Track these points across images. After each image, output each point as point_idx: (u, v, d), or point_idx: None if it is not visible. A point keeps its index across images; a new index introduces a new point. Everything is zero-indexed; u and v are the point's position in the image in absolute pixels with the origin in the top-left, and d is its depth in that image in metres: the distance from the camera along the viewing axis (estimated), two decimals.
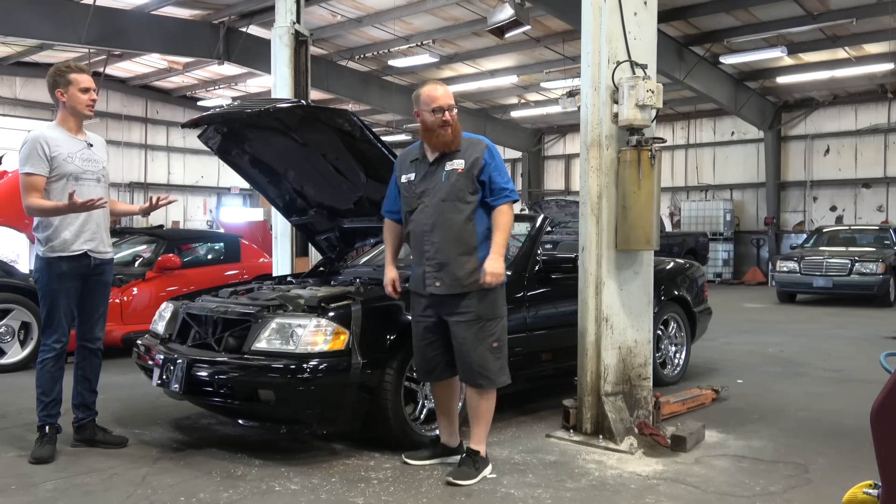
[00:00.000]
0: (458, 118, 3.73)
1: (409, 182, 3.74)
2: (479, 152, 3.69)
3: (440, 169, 3.68)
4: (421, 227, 3.67)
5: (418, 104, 3.69)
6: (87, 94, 3.97)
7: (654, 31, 4.44)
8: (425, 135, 3.70)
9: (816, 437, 4.44)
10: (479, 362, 3.60)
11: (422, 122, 3.69)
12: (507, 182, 3.69)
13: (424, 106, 3.66)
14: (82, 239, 3.94)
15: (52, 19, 13.12)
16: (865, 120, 18.08)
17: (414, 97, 3.74)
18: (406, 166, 3.81)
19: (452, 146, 3.67)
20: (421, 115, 3.69)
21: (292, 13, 7.86)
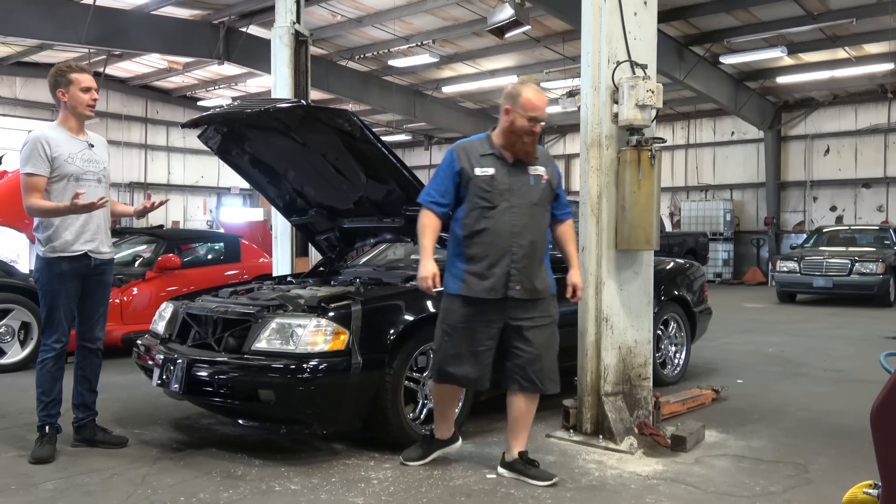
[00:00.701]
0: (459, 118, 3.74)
1: (491, 177, 3.52)
2: (554, 165, 3.71)
3: (524, 172, 3.56)
4: (508, 226, 3.50)
5: (514, 104, 3.50)
6: (87, 93, 3.97)
7: (654, 31, 4.44)
8: (508, 136, 3.53)
9: (816, 437, 4.44)
10: (549, 367, 3.61)
11: (508, 122, 3.52)
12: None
13: (521, 110, 3.48)
14: (83, 239, 3.94)
15: (52, 19, 13.12)
16: (865, 120, 18.08)
17: (509, 94, 3.54)
18: (477, 159, 3.56)
19: (532, 156, 3.58)
20: (511, 116, 3.50)
21: (292, 13, 7.86)
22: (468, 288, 3.51)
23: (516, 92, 3.52)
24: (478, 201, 3.52)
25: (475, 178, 3.53)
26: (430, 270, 3.47)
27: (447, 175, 3.59)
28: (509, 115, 3.52)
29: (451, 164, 3.58)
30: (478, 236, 3.52)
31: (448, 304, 3.60)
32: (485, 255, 3.51)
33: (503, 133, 3.56)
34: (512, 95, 3.52)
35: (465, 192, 3.55)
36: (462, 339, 3.56)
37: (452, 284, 3.58)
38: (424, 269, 3.48)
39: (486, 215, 3.51)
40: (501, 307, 3.53)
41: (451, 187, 3.57)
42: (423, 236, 3.57)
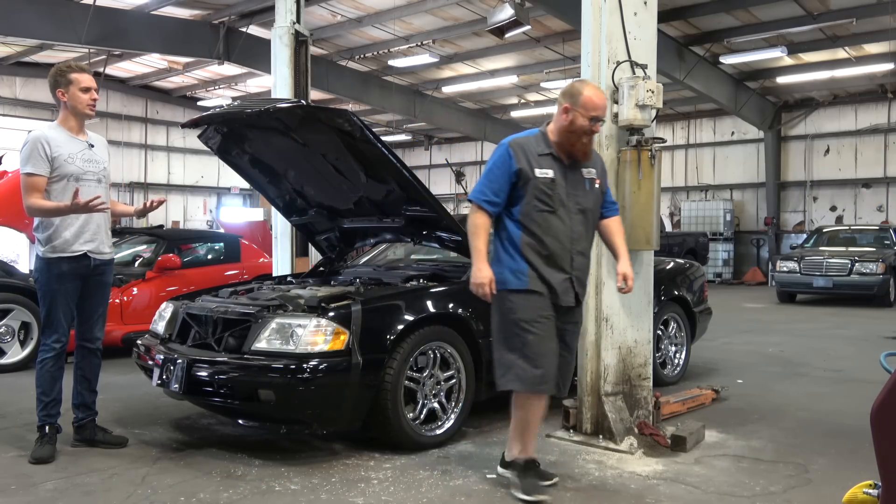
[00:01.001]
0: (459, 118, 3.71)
1: (552, 180, 3.35)
2: (602, 163, 3.60)
3: (580, 175, 3.43)
4: (570, 232, 3.36)
5: (574, 103, 3.33)
6: (87, 93, 3.97)
7: (654, 31, 4.44)
8: (566, 136, 3.36)
9: (816, 437, 4.43)
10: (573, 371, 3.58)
11: (567, 121, 3.35)
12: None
13: (583, 109, 3.32)
14: (83, 239, 3.94)
15: (52, 19, 13.12)
16: (865, 120, 18.08)
17: (568, 93, 3.38)
18: (535, 158, 3.36)
19: (589, 157, 3.46)
20: (571, 115, 3.34)
21: (292, 13, 7.86)
22: (532, 282, 3.33)
23: (576, 90, 3.36)
24: (537, 204, 3.34)
25: (535, 179, 3.33)
26: (487, 275, 3.30)
27: (503, 173, 3.36)
28: (568, 114, 3.35)
29: (507, 163, 3.35)
30: (536, 240, 3.35)
31: (515, 301, 3.33)
32: (544, 259, 3.35)
33: (561, 132, 3.39)
34: (571, 94, 3.36)
35: (522, 192, 3.35)
36: (546, 335, 3.33)
37: (514, 280, 3.34)
38: (481, 274, 3.30)
39: (547, 219, 3.34)
40: (561, 312, 3.41)
41: (505, 186, 3.35)
42: (476, 237, 3.36)
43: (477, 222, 3.38)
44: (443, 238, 4.93)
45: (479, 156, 25.55)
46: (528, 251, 3.35)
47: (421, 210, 4.74)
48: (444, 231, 4.84)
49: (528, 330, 3.31)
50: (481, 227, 3.38)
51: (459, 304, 4.30)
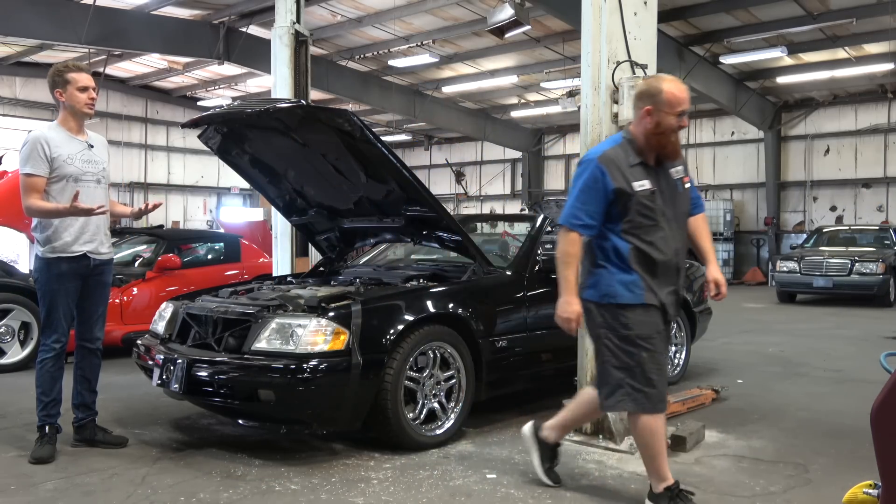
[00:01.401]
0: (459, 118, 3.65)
1: (651, 192, 3.12)
2: (684, 158, 3.36)
3: (670, 177, 3.21)
4: (673, 244, 3.17)
5: (657, 103, 3.08)
6: (85, 92, 3.96)
7: (654, 31, 4.44)
8: (656, 139, 3.12)
9: (816, 437, 4.43)
10: None
11: (653, 124, 3.10)
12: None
13: (668, 107, 3.07)
14: (82, 240, 3.94)
15: (52, 19, 13.13)
16: (865, 120, 18.09)
17: (647, 94, 3.14)
18: (629, 171, 3.11)
19: (680, 155, 3.24)
20: (656, 117, 3.09)
21: (292, 13, 7.86)
22: (646, 295, 3.11)
23: (655, 89, 3.11)
24: (641, 220, 3.11)
25: (636, 194, 3.09)
26: (576, 310, 3.11)
27: (598, 194, 3.09)
28: (653, 116, 3.09)
29: (600, 181, 3.09)
30: (643, 253, 3.12)
31: (630, 316, 3.10)
32: (652, 273, 3.13)
33: (648, 137, 3.13)
34: (650, 94, 3.12)
35: (622, 210, 3.12)
36: (659, 350, 3.13)
37: (627, 293, 3.11)
38: (571, 308, 3.11)
39: (651, 234, 3.12)
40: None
41: (602, 207, 3.10)
42: (567, 266, 3.11)
43: (570, 251, 3.11)
44: (443, 238, 4.93)
45: (478, 156, 25.56)
46: (636, 264, 3.11)
47: (421, 210, 4.74)
48: (444, 231, 4.84)
49: (645, 347, 3.09)
50: (573, 256, 3.12)
51: (459, 304, 4.31)
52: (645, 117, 3.13)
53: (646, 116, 3.12)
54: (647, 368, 3.09)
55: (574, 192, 3.17)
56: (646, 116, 3.12)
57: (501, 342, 4.51)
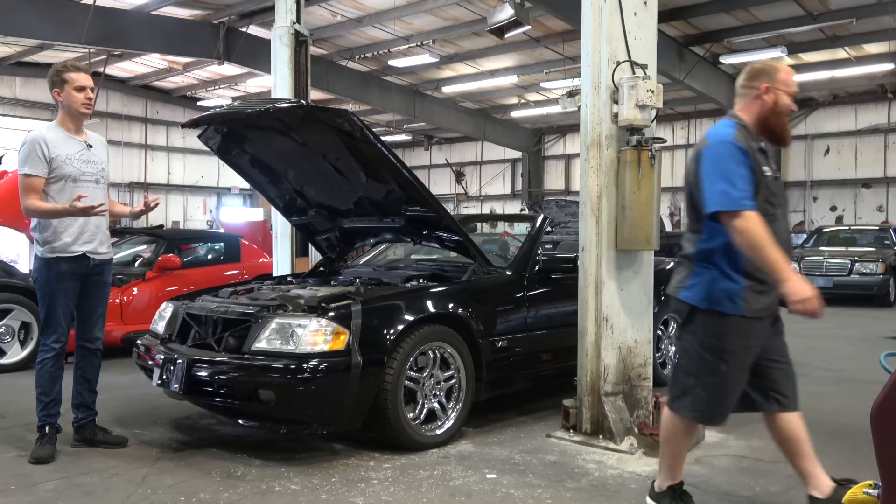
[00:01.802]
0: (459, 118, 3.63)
1: (776, 178, 2.99)
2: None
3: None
4: (786, 234, 3.02)
5: (774, 80, 2.96)
6: (82, 92, 3.95)
7: (654, 31, 4.44)
8: (775, 119, 2.98)
9: (816, 437, 4.38)
10: None
11: (772, 102, 2.96)
12: None
13: (784, 86, 2.96)
14: (82, 240, 3.94)
15: (52, 19, 13.14)
16: (865, 120, 18.10)
17: (763, 71, 3.00)
18: (758, 156, 2.92)
19: (789, 142, 3.15)
20: (774, 94, 2.95)
21: (292, 13, 7.86)
22: (749, 307, 2.93)
23: (772, 67, 2.99)
24: (766, 207, 2.89)
25: (765, 178, 2.91)
26: (811, 289, 2.75)
27: (748, 171, 2.84)
28: (770, 93, 2.95)
29: (746, 161, 2.85)
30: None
31: (722, 327, 2.94)
32: (763, 281, 2.94)
33: (766, 117, 2.97)
34: (767, 72, 2.99)
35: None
36: (741, 367, 2.97)
37: (727, 303, 2.92)
38: (804, 287, 2.75)
39: (771, 222, 2.87)
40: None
41: (751, 183, 2.84)
42: (769, 248, 2.74)
43: (760, 232, 2.74)
44: (443, 238, 4.93)
45: (478, 156, 25.56)
46: (748, 265, 2.89)
47: (421, 210, 4.74)
48: (444, 231, 4.84)
49: (727, 360, 2.94)
50: (766, 235, 2.75)
51: (459, 304, 4.31)
52: (763, 96, 2.97)
53: (763, 95, 2.96)
54: (723, 381, 2.95)
55: (715, 173, 2.84)
56: (763, 95, 2.96)
57: (501, 342, 4.51)
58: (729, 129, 2.95)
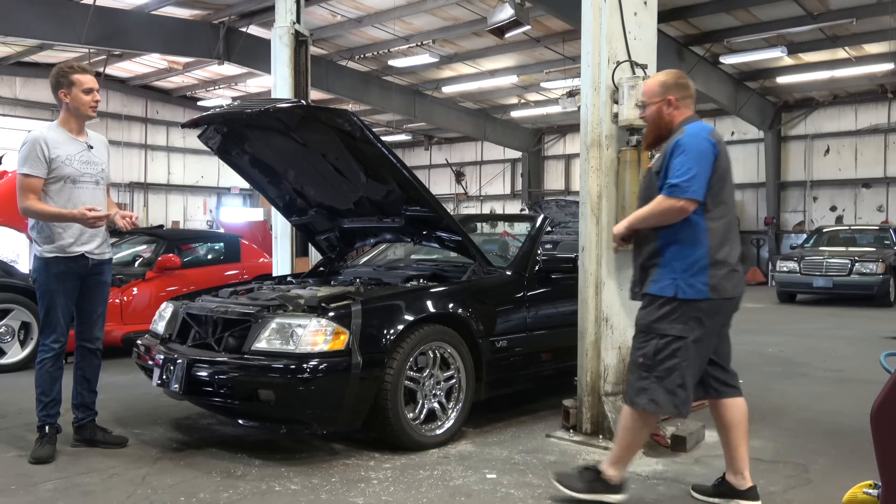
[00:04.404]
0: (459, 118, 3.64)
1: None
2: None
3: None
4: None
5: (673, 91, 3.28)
6: (90, 95, 3.95)
7: (654, 31, 4.44)
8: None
9: (816, 437, 4.43)
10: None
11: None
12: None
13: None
14: (81, 241, 3.93)
15: (52, 19, 13.13)
16: (865, 120, 18.09)
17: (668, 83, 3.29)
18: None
19: None
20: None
21: (292, 13, 7.86)
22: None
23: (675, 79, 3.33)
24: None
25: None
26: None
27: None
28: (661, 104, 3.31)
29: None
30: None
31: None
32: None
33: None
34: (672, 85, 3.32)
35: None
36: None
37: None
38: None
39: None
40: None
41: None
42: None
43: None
44: (443, 238, 4.93)
45: (478, 156, 25.56)
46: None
47: (421, 210, 4.74)
48: (444, 231, 4.84)
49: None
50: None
51: (459, 304, 4.31)
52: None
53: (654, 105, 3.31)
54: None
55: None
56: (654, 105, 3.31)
57: (501, 342, 4.51)
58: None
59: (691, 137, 3.13)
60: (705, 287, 3.12)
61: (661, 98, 3.29)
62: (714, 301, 3.15)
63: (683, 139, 3.13)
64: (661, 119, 3.31)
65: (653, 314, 3.17)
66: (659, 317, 3.15)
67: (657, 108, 3.30)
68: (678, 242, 3.15)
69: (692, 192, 3.06)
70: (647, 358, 3.16)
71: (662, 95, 3.29)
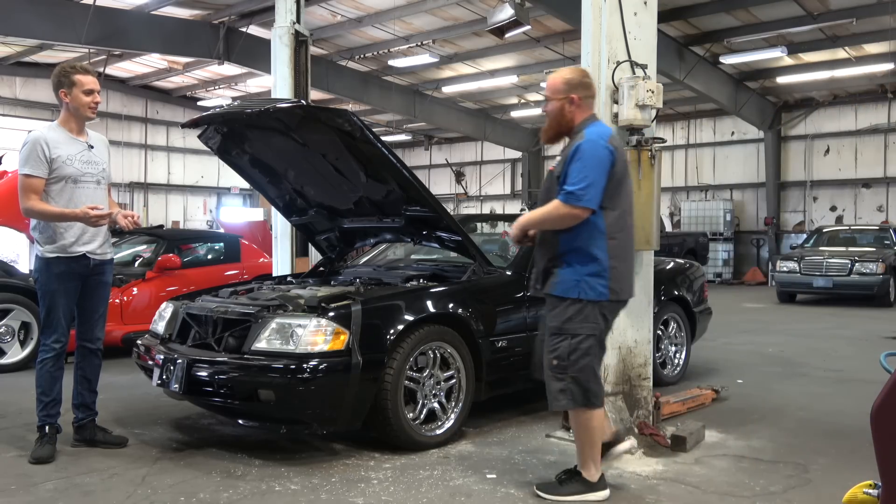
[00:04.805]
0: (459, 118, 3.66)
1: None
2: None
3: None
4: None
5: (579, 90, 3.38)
6: (90, 96, 3.95)
7: (654, 31, 4.44)
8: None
9: (816, 437, 4.44)
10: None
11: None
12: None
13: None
14: (82, 241, 3.93)
15: (52, 19, 13.13)
16: (865, 120, 18.09)
17: (573, 81, 3.38)
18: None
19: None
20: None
21: (292, 13, 7.86)
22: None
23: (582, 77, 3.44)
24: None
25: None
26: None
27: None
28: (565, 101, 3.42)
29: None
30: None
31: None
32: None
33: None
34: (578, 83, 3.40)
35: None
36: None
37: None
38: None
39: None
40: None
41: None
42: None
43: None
44: (443, 238, 4.93)
45: (478, 156, 25.56)
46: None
47: (421, 210, 4.74)
48: (444, 231, 4.84)
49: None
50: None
51: (459, 304, 4.31)
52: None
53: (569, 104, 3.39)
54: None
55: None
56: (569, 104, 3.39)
57: (501, 342, 4.51)
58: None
59: (590, 144, 3.23)
60: (606, 290, 3.26)
61: (564, 95, 3.36)
62: (613, 302, 3.31)
63: (583, 145, 3.23)
64: (562, 116, 3.39)
65: (562, 315, 3.28)
66: (568, 318, 3.26)
67: (560, 105, 3.37)
68: (579, 244, 3.26)
69: (587, 200, 3.17)
70: (561, 359, 3.26)
71: (566, 93, 3.36)
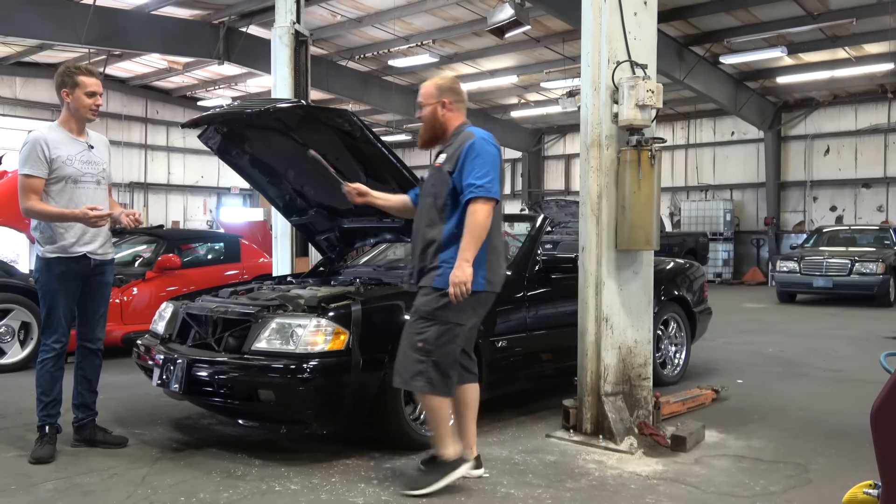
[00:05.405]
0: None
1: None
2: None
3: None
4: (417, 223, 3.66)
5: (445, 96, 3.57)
6: (92, 98, 3.95)
7: (654, 31, 4.44)
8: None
9: (816, 437, 4.44)
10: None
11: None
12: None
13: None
14: (83, 241, 3.93)
15: (52, 19, 13.13)
16: (865, 120, 18.08)
17: (444, 87, 3.59)
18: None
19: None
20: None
21: (292, 13, 7.86)
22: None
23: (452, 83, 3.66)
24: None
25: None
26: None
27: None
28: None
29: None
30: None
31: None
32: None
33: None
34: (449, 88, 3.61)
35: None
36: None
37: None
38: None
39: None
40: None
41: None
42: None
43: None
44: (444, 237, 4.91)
45: None
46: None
47: None
48: None
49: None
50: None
51: None
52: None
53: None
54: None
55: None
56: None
57: (501, 342, 4.51)
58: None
59: (483, 143, 3.42)
60: (483, 280, 3.39)
61: (436, 100, 3.54)
62: (488, 293, 3.47)
63: (477, 143, 3.41)
64: (435, 120, 3.56)
65: (436, 302, 3.38)
66: (442, 305, 3.36)
67: (433, 109, 3.55)
68: (459, 238, 3.37)
69: (494, 192, 3.37)
70: (427, 343, 3.36)
71: (438, 98, 3.54)
